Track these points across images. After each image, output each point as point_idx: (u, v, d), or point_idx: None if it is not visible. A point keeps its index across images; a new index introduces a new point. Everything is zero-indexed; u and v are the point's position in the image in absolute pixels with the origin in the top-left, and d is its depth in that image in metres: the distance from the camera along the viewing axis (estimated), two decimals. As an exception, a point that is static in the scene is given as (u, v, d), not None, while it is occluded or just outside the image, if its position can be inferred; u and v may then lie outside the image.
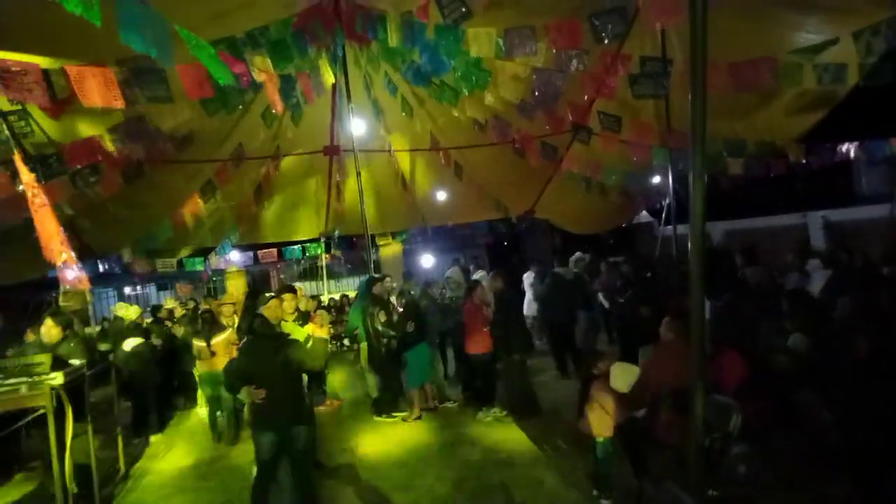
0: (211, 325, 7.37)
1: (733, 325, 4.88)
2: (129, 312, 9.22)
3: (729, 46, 7.20)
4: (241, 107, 8.06)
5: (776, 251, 12.05)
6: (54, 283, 13.73)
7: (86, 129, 6.91)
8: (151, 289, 23.05)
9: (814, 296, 5.78)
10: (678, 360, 3.39)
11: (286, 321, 6.04)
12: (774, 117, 9.23)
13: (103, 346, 8.10)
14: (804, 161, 10.03)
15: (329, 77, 6.77)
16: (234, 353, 7.13)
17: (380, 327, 7.63)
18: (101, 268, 12.34)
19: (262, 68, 5.43)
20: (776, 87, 7.79)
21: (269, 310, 5.08)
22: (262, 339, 4.61)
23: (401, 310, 8.35)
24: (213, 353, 7.10)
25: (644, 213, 16.15)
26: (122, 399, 7.24)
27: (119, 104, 4.60)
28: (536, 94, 7.21)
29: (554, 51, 6.77)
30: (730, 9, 6.30)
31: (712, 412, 2.84)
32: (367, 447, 6.94)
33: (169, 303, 10.36)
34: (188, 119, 7.48)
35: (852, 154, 10.09)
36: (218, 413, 7.49)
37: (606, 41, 5.92)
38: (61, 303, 12.80)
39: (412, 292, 9.46)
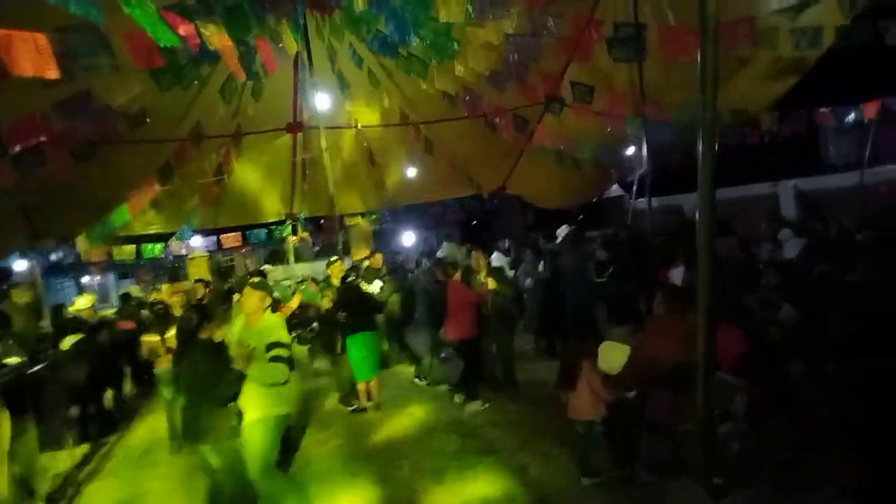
0: (165, 318, 6.73)
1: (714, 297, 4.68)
2: (80, 304, 8.66)
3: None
4: (196, 81, 7.57)
5: (748, 221, 12.10)
6: (3, 275, 13.07)
7: (27, 105, 6.35)
8: (111, 278, 22.25)
9: (801, 267, 5.63)
10: (673, 336, 3.19)
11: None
12: (747, 85, 9.10)
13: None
14: (776, 129, 9.97)
15: (292, 45, 6.34)
16: None
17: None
18: (53, 256, 11.69)
19: (216, 34, 5.00)
20: (754, 50, 7.75)
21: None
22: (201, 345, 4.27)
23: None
24: (169, 350, 6.37)
25: (615, 186, 16.08)
26: (66, 401, 6.69)
27: (53, 73, 4.14)
28: (509, 60, 6.91)
29: (528, 13, 6.50)
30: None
31: (715, 392, 2.64)
32: (339, 439, 6.58)
33: (134, 291, 9.64)
34: (140, 94, 7.00)
35: (823, 121, 10.06)
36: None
37: None
38: (14, 298, 12.20)
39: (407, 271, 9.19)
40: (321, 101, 8.11)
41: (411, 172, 11.80)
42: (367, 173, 11.88)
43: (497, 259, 10.77)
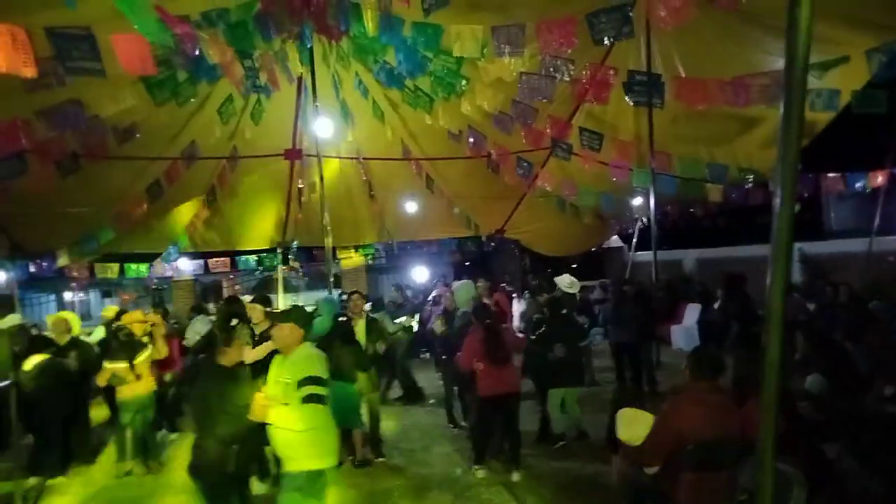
0: (132, 343, 6.16)
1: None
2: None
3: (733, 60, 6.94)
4: (193, 99, 7.32)
5: (750, 282, 11.83)
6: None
7: (8, 109, 6.03)
8: (95, 295, 21.67)
9: (829, 333, 5.22)
10: (708, 408, 2.82)
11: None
12: (753, 144, 8.98)
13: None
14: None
15: (297, 66, 6.10)
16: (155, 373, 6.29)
17: None
18: (31, 268, 11.16)
19: (215, 43, 4.72)
20: (763, 110, 7.61)
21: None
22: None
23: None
24: (137, 377, 6.00)
25: (614, 237, 15.90)
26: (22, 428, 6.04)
27: (30, 71, 3.85)
28: (520, 100, 6.70)
29: (541, 56, 6.32)
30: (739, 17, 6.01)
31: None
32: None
33: (110, 311, 8.85)
34: (132, 107, 6.71)
35: (831, 186, 9.92)
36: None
37: (606, 41, 5.43)
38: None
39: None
40: (322, 128, 7.82)
41: (410, 208, 11.51)
42: (365, 206, 11.61)
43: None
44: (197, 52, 4.56)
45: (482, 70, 6.85)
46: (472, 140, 8.88)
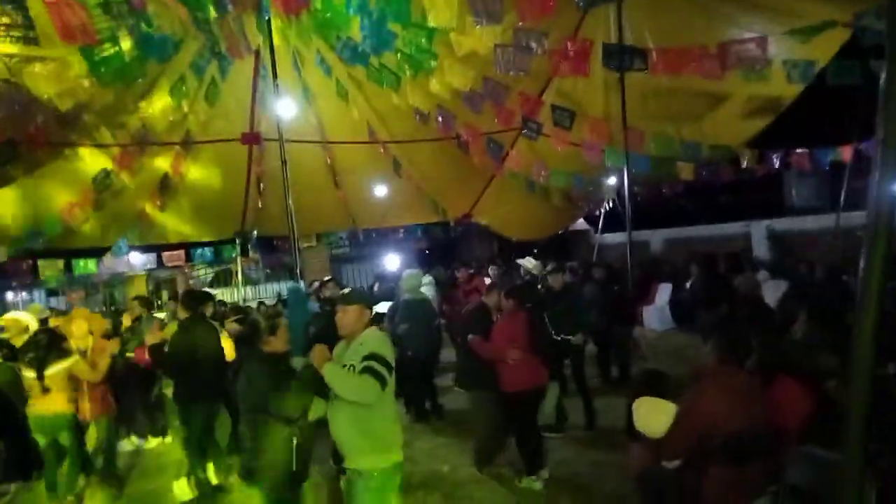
0: (47, 349, 5.12)
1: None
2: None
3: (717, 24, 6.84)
4: (141, 79, 6.76)
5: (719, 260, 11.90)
6: None
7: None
8: (39, 294, 20.48)
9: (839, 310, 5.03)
10: (737, 394, 2.58)
11: None
12: (723, 120, 8.92)
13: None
14: (753, 168, 9.80)
15: (255, 37, 5.63)
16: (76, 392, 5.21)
17: None
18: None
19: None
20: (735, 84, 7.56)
21: None
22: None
23: None
24: (45, 390, 4.98)
25: (580, 220, 15.79)
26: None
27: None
28: (497, 70, 6.40)
29: (515, 28, 6.04)
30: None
31: (815, 474, 2.03)
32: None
33: (35, 310, 7.61)
34: (74, 88, 6.13)
35: (799, 163, 9.92)
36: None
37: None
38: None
39: None
40: (284, 109, 7.33)
41: (376, 194, 11.10)
42: (329, 192, 11.13)
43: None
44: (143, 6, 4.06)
45: (455, 43, 6.50)
46: (440, 119, 8.53)
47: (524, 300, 5.09)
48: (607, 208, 12.97)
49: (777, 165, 9.91)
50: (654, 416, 2.82)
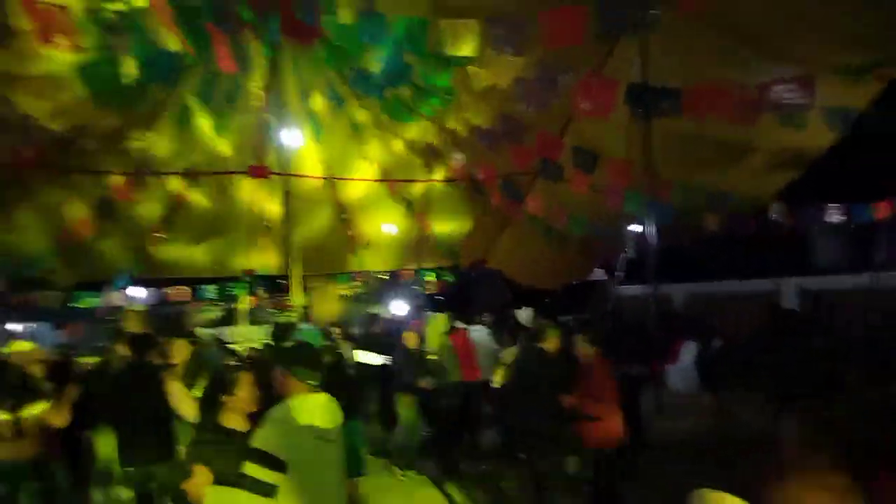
0: (21, 389, 4.69)
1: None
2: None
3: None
4: (143, 104, 6.48)
5: (746, 318, 11.23)
6: None
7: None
8: (45, 325, 20.15)
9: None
10: (835, 497, 1.99)
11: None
12: (751, 170, 8.47)
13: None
14: (782, 222, 9.28)
15: (259, 56, 5.32)
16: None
17: None
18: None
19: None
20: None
21: None
22: None
23: None
24: (18, 434, 4.55)
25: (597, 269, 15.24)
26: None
27: None
28: (518, 103, 6.01)
29: (541, 56, 5.68)
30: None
31: None
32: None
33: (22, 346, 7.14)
34: (70, 108, 5.84)
35: (831, 217, 9.37)
36: None
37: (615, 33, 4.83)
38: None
39: None
40: (291, 142, 7.03)
41: (386, 235, 10.69)
42: (338, 231, 10.74)
43: (476, 333, 9.57)
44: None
45: (473, 76, 6.16)
46: (455, 158, 8.17)
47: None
48: (626, 258, 12.47)
49: (810, 221, 9.39)
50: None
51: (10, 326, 17.72)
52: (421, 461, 6.77)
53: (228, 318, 16.22)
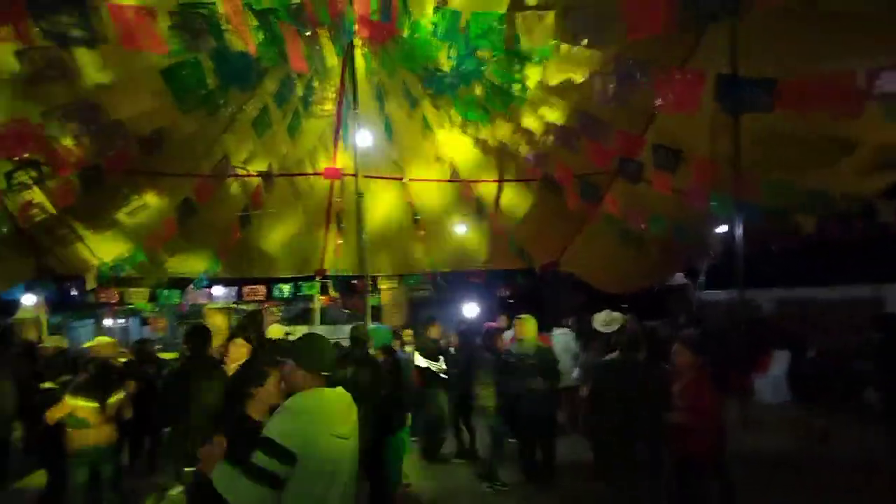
0: (105, 378, 5.13)
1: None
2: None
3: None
4: (222, 106, 6.59)
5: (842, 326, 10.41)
6: (8, 308, 12.20)
7: (14, 108, 5.37)
8: (134, 322, 21.34)
9: None
10: None
11: None
12: (855, 168, 7.76)
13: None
14: (888, 222, 8.48)
15: (332, 57, 5.28)
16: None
17: None
18: (75, 292, 10.63)
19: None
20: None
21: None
22: None
23: None
24: (103, 421, 5.00)
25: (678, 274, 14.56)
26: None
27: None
28: (595, 101, 5.71)
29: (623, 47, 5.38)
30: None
31: None
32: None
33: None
34: (154, 112, 6.02)
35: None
36: None
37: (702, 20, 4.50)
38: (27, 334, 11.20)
39: None
40: (364, 144, 7.01)
41: (457, 237, 10.56)
42: (408, 232, 10.71)
43: (562, 337, 9.33)
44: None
45: (549, 72, 5.92)
46: (530, 158, 7.92)
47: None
48: (710, 262, 11.82)
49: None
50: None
51: (105, 322, 18.96)
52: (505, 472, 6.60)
53: (303, 318, 16.64)
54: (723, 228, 9.77)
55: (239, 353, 5.26)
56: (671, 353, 4.85)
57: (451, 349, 8.82)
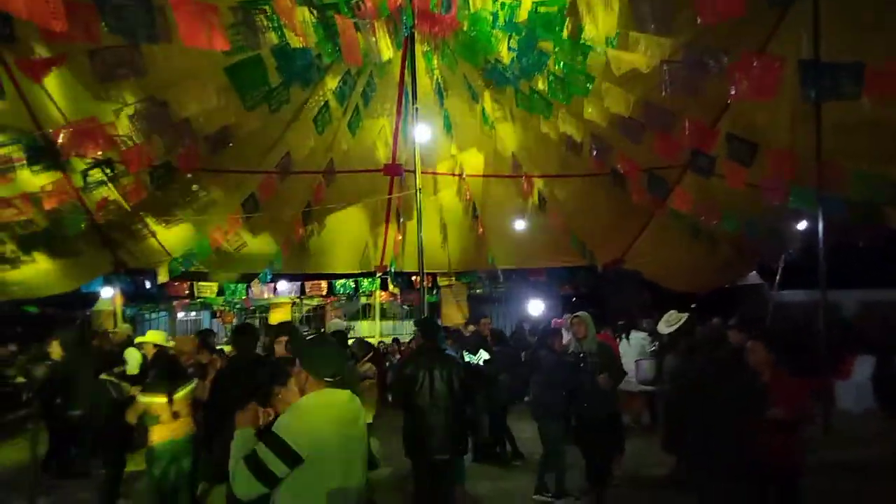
0: (173, 373, 5.20)
1: None
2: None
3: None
4: (286, 104, 6.66)
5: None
6: (87, 301, 12.80)
7: (87, 108, 5.59)
8: (206, 314, 22.13)
9: None
10: None
11: None
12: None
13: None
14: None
15: (388, 51, 5.21)
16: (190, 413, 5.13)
17: None
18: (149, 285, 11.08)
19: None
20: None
21: None
22: None
23: None
24: (175, 415, 4.96)
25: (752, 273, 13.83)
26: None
27: (59, 24, 3.14)
28: (663, 91, 5.41)
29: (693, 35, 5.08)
30: None
31: None
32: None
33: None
34: (220, 110, 6.13)
35: None
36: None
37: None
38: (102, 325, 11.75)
39: None
40: (422, 139, 6.93)
41: (518, 233, 10.35)
42: (468, 229, 10.60)
43: (638, 340, 9.00)
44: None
45: (614, 61, 5.65)
46: (594, 151, 7.66)
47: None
48: (787, 260, 11.15)
49: None
50: None
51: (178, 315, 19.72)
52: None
53: (363, 311, 16.86)
54: (801, 224, 9.15)
55: (282, 349, 5.22)
56: (745, 351, 4.53)
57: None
